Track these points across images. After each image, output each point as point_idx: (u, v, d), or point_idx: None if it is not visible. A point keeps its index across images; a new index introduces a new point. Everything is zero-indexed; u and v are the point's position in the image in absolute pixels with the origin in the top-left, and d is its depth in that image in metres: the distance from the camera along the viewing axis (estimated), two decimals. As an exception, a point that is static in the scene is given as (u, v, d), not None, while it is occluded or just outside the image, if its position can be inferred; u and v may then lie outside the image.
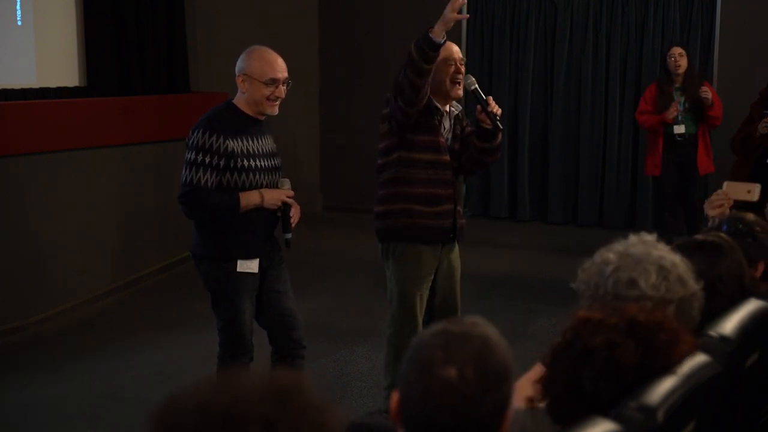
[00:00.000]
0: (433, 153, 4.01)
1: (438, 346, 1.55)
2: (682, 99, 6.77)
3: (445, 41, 3.77)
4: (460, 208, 4.20)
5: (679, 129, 6.77)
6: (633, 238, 2.21)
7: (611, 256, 2.16)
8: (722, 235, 2.72)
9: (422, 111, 3.93)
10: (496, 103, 4.01)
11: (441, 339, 1.56)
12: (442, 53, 3.95)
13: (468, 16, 3.82)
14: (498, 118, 3.93)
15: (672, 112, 6.57)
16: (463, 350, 1.54)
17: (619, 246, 2.19)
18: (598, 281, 2.15)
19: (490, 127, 3.96)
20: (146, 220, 6.78)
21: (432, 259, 4.11)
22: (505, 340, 1.63)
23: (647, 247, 2.17)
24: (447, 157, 4.05)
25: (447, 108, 4.08)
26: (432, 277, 4.15)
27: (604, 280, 2.14)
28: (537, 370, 2.10)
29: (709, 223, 3.06)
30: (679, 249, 2.48)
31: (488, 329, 1.61)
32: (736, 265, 2.56)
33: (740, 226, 2.93)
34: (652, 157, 6.84)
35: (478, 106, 3.96)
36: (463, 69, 4.02)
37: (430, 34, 3.70)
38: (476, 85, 3.98)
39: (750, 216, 3.03)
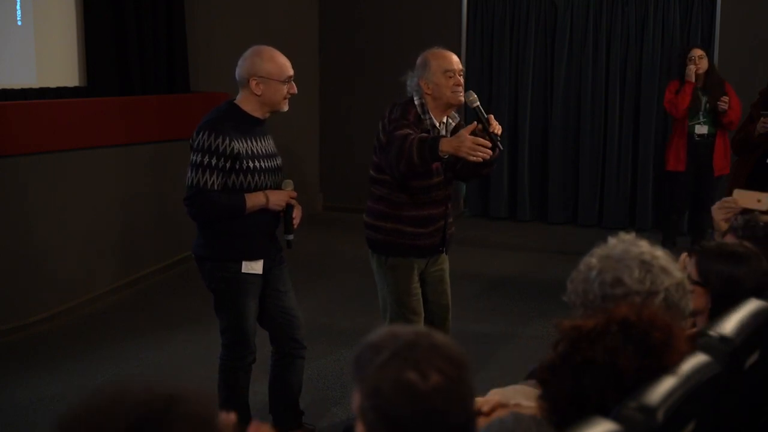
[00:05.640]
0: (425, 179, 3.97)
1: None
2: (704, 99, 6.81)
3: (448, 156, 3.75)
4: (451, 220, 4.19)
5: (702, 129, 6.81)
6: (612, 240, 2.24)
7: (593, 260, 2.20)
8: (746, 243, 2.73)
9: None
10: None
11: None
12: (441, 65, 3.92)
13: (481, 160, 3.77)
14: (498, 138, 3.85)
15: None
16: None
17: (599, 250, 2.22)
18: (586, 287, 2.17)
19: (489, 144, 3.90)
20: (146, 220, 6.78)
21: (422, 265, 4.14)
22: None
23: (626, 245, 2.21)
24: (440, 178, 4.02)
25: (444, 119, 4.02)
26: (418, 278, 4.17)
27: (591, 284, 2.16)
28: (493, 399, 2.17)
29: (723, 227, 3.03)
30: (700, 254, 2.60)
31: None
32: (756, 274, 2.57)
33: (757, 230, 2.91)
34: (675, 152, 6.85)
35: (480, 125, 3.86)
36: (462, 80, 3.96)
37: (439, 150, 3.67)
38: (478, 103, 3.90)
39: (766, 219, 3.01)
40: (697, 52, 6.85)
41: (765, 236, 2.88)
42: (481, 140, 3.69)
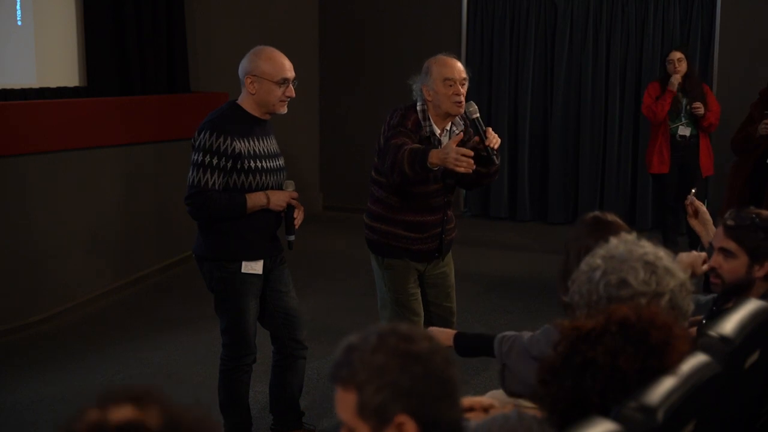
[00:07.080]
0: (423, 185, 3.96)
1: None
2: (684, 101, 6.81)
3: (438, 167, 3.73)
4: (451, 226, 4.18)
5: (684, 131, 6.80)
6: (614, 240, 2.23)
7: (597, 261, 2.18)
8: (608, 215, 2.82)
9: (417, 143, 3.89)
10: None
11: None
12: (442, 72, 3.89)
13: (468, 171, 3.73)
14: (495, 151, 3.82)
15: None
16: None
17: (601, 250, 2.21)
18: (590, 288, 2.16)
19: (485, 155, 3.86)
20: (146, 220, 6.78)
21: (420, 267, 4.13)
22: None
23: (629, 245, 2.20)
24: (438, 186, 4.01)
25: (447, 127, 3.99)
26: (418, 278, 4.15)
27: (595, 285, 2.15)
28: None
29: (726, 215, 3.04)
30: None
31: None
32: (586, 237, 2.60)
33: (757, 220, 2.92)
34: (658, 155, 6.85)
35: (476, 137, 3.85)
36: (463, 90, 3.91)
37: (428, 162, 3.65)
38: (478, 114, 3.87)
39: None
40: (676, 55, 6.82)
41: (752, 224, 2.90)
42: (464, 150, 3.63)
